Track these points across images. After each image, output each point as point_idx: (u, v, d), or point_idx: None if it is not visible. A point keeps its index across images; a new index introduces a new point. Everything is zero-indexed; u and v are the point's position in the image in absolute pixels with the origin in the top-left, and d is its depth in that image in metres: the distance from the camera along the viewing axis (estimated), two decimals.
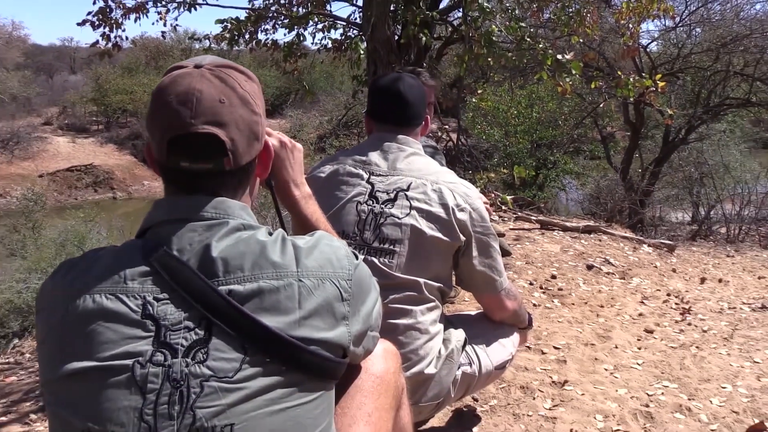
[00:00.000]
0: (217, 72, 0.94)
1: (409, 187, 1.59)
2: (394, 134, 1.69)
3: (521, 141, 12.97)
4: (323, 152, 15.63)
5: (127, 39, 4.67)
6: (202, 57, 0.99)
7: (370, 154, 1.66)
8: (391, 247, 1.55)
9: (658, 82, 4.03)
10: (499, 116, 12.94)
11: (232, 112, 0.92)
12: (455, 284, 1.73)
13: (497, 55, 3.84)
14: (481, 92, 6.12)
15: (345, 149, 1.86)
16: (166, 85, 0.93)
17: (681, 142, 11.86)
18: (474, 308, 2.30)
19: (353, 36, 4.62)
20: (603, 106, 9.85)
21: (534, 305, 3.49)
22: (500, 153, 13.49)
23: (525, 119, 12.89)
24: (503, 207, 5.88)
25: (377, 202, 1.58)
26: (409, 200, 1.58)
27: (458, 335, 1.67)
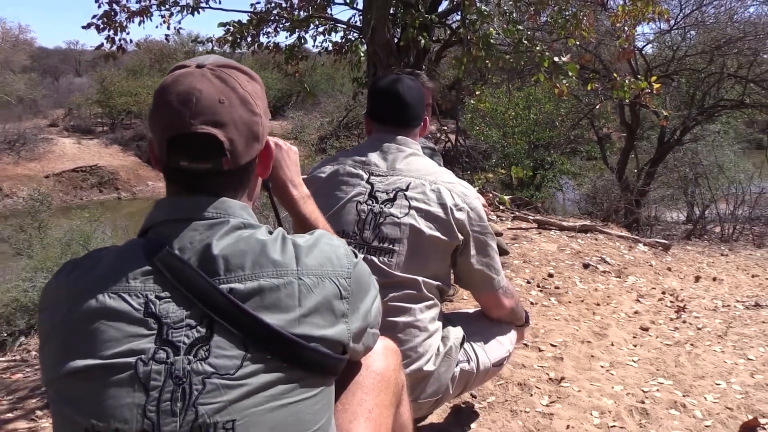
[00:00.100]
0: (218, 72, 0.93)
1: (408, 187, 1.59)
2: (393, 135, 1.68)
3: (519, 142, 12.98)
4: (324, 153, 15.62)
5: (132, 42, 4.68)
6: (206, 57, 0.98)
7: (370, 155, 1.66)
8: (391, 246, 1.54)
9: (654, 84, 4.03)
10: (497, 117, 12.96)
11: (232, 113, 0.91)
12: (454, 282, 1.73)
13: (495, 58, 3.85)
14: (480, 94, 6.11)
15: (345, 150, 1.85)
16: (168, 84, 0.92)
17: (676, 143, 11.88)
18: (472, 306, 2.29)
19: (353, 39, 4.63)
20: (599, 108, 9.87)
21: (531, 303, 3.48)
22: (498, 154, 13.49)
23: (522, 120, 12.91)
24: (501, 207, 5.87)
25: (377, 202, 1.58)
26: (408, 200, 1.57)
27: (456, 333, 1.67)
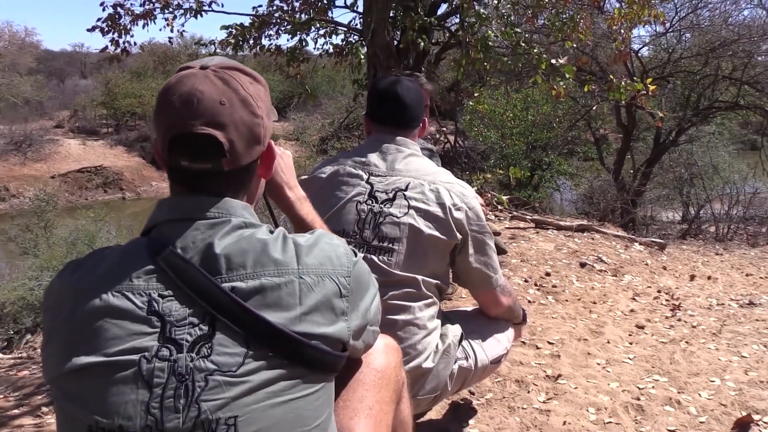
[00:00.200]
0: (221, 73, 0.93)
1: (408, 187, 1.59)
2: (393, 136, 1.68)
3: (517, 143, 13.00)
4: (325, 154, 15.61)
5: (136, 44, 4.67)
6: (210, 58, 0.98)
7: (370, 156, 1.65)
8: (390, 246, 1.54)
9: (649, 86, 4.03)
10: (496, 119, 12.97)
11: (233, 114, 0.91)
12: (452, 281, 1.73)
13: (493, 60, 3.85)
14: (478, 95, 6.09)
15: (345, 151, 1.85)
16: (172, 85, 0.92)
17: (671, 144, 11.86)
18: (471, 305, 2.29)
19: (354, 41, 4.62)
20: (596, 109, 9.86)
21: (529, 302, 3.48)
22: (496, 154, 13.50)
23: (520, 122, 12.92)
24: (499, 206, 5.86)
25: (376, 202, 1.58)
26: (408, 200, 1.57)
27: (455, 330, 1.67)
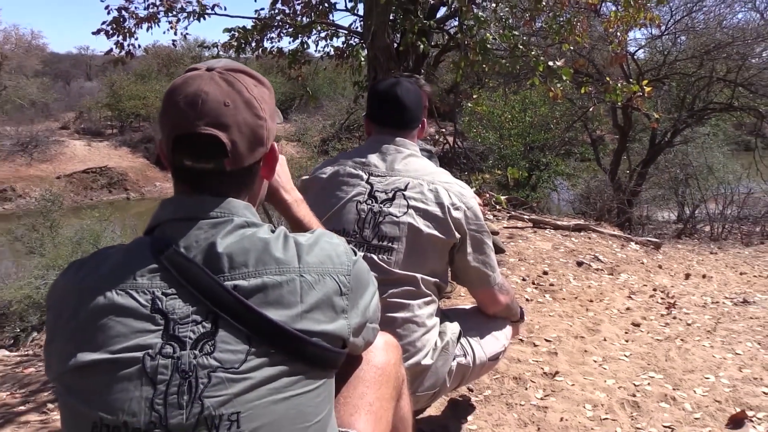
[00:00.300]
0: (226, 75, 0.94)
1: (407, 187, 1.59)
2: (392, 136, 1.68)
3: (515, 144, 13.00)
4: (326, 154, 15.62)
5: (140, 47, 4.66)
6: (217, 60, 0.99)
7: (369, 156, 1.66)
8: (390, 245, 1.54)
9: (645, 88, 4.02)
10: (494, 120, 12.97)
11: (236, 115, 0.91)
12: (451, 280, 1.73)
13: (492, 62, 3.85)
14: (477, 97, 6.08)
15: (346, 151, 1.85)
16: (178, 86, 0.93)
17: (667, 145, 11.86)
18: (469, 303, 2.29)
19: (354, 44, 4.62)
20: (592, 111, 9.84)
21: (526, 300, 3.48)
22: (495, 155, 13.50)
23: (518, 123, 12.92)
24: (497, 206, 5.85)
25: (376, 202, 1.58)
26: (407, 199, 1.57)
27: (453, 328, 1.67)
